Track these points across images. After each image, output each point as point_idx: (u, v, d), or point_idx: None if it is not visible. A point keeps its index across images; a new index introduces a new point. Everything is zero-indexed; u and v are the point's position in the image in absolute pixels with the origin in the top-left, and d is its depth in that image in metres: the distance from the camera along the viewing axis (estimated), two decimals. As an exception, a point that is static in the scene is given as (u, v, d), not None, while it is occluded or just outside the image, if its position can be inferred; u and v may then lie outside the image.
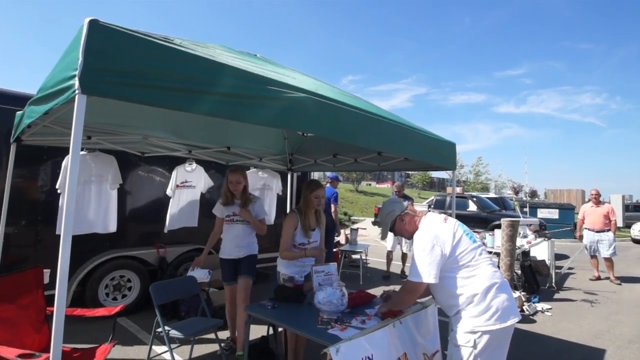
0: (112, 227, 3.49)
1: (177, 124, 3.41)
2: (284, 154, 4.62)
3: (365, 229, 13.00)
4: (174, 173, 3.93)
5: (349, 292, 2.54)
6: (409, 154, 3.05)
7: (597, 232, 6.72)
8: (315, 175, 14.44)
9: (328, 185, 5.99)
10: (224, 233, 3.19)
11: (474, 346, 1.80)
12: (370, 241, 9.44)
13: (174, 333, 2.64)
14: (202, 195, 4.32)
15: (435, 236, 1.90)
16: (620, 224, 15.18)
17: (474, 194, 11.90)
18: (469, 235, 1.99)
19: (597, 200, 6.92)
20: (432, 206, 10.43)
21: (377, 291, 2.83)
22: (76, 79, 1.24)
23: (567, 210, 12.88)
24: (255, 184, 4.53)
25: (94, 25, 1.27)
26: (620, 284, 6.54)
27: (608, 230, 6.68)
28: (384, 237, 2.19)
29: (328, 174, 6.02)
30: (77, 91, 1.24)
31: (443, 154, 3.42)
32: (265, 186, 4.57)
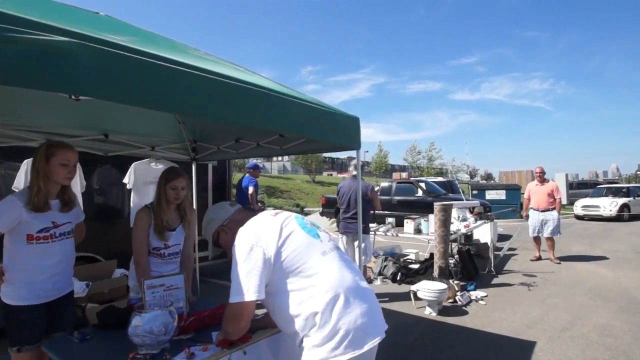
0: None
1: (26, 104, 2.61)
2: (184, 141, 3.95)
3: None
4: (22, 168, 3.13)
5: (201, 310, 1.96)
6: (305, 133, 2.52)
7: (542, 211, 6.52)
8: (260, 162, 13.74)
9: (247, 174, 5.37)
10: (27, 259, 1.86)
11: None
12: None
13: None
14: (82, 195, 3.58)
15: (255, 235, 1.34)
16: (564, 201, 15.83)
17: (421, 178, 11.71)
18: (308, 230, 1.43)
19: (542, 178, 6.68)
20: (378, 193, 10.07)
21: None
22: None
23: (513, 191, 13.10)
24: (147, 177, 3.82)
25: None
26: (559, 263, 6.46)
27: (553, 209, 6.49)
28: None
29: (248, 162, 5.40)
30: None
31: (347, 131, 2.91)
32: (159, 180, 3.86)
